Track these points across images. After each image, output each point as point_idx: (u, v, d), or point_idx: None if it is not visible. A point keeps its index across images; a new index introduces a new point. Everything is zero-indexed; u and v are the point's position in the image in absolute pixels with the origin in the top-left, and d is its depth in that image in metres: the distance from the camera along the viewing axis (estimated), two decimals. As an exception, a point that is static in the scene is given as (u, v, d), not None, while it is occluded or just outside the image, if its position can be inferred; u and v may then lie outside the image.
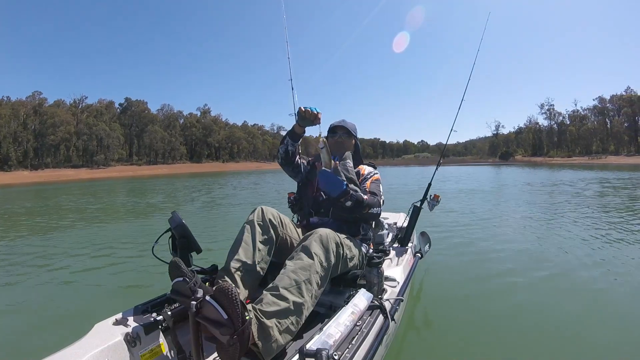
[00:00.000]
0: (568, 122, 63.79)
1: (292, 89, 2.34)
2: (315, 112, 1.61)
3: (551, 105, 65.62)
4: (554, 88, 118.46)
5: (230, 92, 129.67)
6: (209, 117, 70.21)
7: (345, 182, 1.54)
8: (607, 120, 58.52)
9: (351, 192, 1.54)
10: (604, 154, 51.95)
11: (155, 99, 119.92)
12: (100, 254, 4.02)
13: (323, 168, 1.58)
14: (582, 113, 62.29)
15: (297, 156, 1.81)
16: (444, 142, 3.14)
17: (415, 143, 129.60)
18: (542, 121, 67.36)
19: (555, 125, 65.04)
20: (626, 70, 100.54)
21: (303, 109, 1.61)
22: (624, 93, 56.53)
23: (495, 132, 75.55)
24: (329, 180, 1.53)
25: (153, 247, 1.37)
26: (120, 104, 59.18)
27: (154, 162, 55.97)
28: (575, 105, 64.50)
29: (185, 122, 66.03)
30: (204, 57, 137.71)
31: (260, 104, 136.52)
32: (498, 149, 69.67)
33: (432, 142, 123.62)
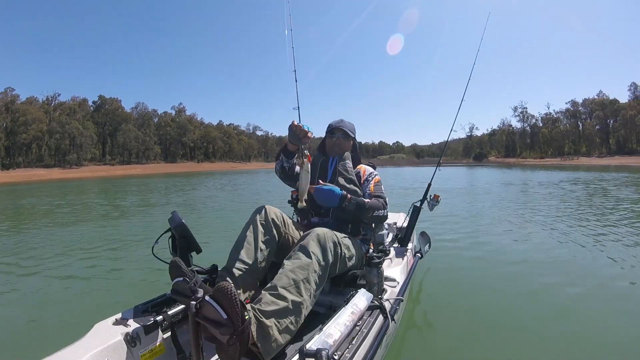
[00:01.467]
0: (541, 125, 66.38)
1: (296, 80, 2.34)
2: (306, 130, 1.52)
3: (524, 108, 68.49)
4: (527, 91, 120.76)
5: (205, 91, 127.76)
6: (184, 116, 69.00)
7: (338, 189, 1.54)
8: (579, 122, 61.22)
9: (349, 196, 1.55)
10: (576, 155, 54.23)
11: (129, 97, 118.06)
12: (100, 254, 4.02)
13: (315, 186, 1.54)
14: (555, 116, 65.01)
15: (295, 169, 1.77)
16: (419, 144, 3.14)
17: (391, 144, 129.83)
18: (515, 123, 70.52)
19: (528, 128, 67.74)
20: (598, 75, 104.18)
21: (295, 124, 1.51)
22: (596, 97, 59.13)
23: (469, 134, 78.20)
24: (323, 195, 1.52)
25: (153, 247, 1.37)
26: (93, 102, 57.58)
27: (128, 162, 54.73)
28: (548, 108, 67.04)
29: (159, 121, 64.80)
30: (179, 55, 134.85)
31: (237, 103, 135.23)
32: (472, 151, 71.87)
33: (406, 143, 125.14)
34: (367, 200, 1.62)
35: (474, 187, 12.39)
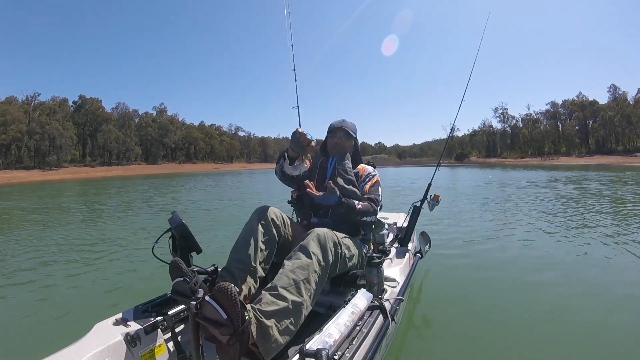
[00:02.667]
0: (521, 125, 67.89)
1: (295, 80, 2.34)
2: (310, 139, 1.49)
3: (505, 109, 69.79)
4: (508, 93, 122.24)
5: (187, 91, 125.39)
6: (165, 116, 67.44)
7: (338, 195, 1.53)
8: (558, 123, 62.85)
9: (344, 201, 1.55)
10: (556, 155, 55.62)
11: (110, 97, 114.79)
12: (100, 254, 4.02)
13: (318, 194, 1.54)
14: (535, 117, 66.40)
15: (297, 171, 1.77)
16: (401, 144, 3.16)
17: (373, 145, 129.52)
18: (496, 124, 71.91)
19: (508, 128, 69.16)
20: (578, 77, 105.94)
21: (299, 132, 1.48)
22: (575, 98, 60.71)
23: (450, 135, 77.99)
24: (323, 199, 1.53)
25: (153, 247, 1.37)
26: (74, 102, 55.83)
27: (108, 163, 53.28)
28: (529, 109, 68.36)
29: (140, 122, 63.07)
30: (160, 54, 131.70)
31: (219, 103, 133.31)
32: (453, 151, 72.68)
33: (389, 144, 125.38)
34: (359, 205, 1.61)
35: (465, 187, 12.45)
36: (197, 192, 13.37)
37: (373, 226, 1.85)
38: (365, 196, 1.69)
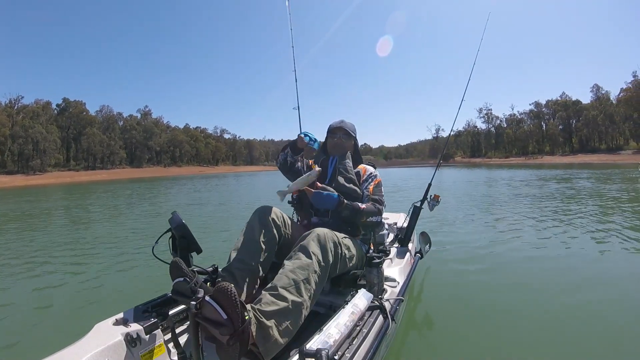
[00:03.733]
0: (505, 126, 69.18)
1: (296, 80, 2.34)
2: (311, 148, 1.61)
3: (489, 109, 71.16)
4: (492, 93, 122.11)
5: (172, 94, 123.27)
6: (150, 119, 66.79)
7: (337, 194, 1.55)
8: (542, 123, 64.08)
9: (345, 202, 1.56)
10: (540, 154, 56.68)
11: (94, 100, 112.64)
12: (100, 254, 4.03)
13: (314, 191, 1.58)
14: (519, 117, 67.73)
15: (298, 163, 1.80)
16: (386, 145, 3.15)
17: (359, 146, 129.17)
18: (481, 125, 73.28)
19: (492, 129, 70.42)
20: (561, 77, 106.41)
21: (302, 140, 1.61)
22: (559, 98, 62.00)
23: (435, 135, 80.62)
24: (320, 199, 1.55)
25: (153, 247, 1.37)
26: (57, 105, 54.99)
27: (93, 167, 52.74)
28: (512, 109, 69.68)
29: (125, 125, 62.48)
30: (144, 56, 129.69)
31: (203, 105, 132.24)
32: (438, 151, 73.83)
33: (374, 145, 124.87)
34: (362, 206, 1.62)
35: (457, 187, 12.44)
36: (184, 195, 13.28)
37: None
38: (370, 197, 1.69)
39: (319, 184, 1.62)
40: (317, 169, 1.59)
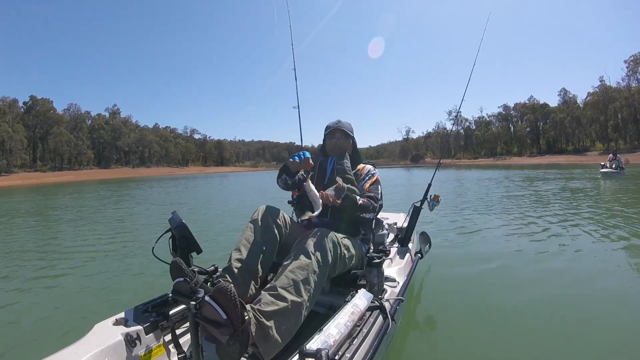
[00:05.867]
0: (474, 127, 70.92)
1: (296, 79, 2.35)
2: (308, 160, 1.56)
3: (458, 112, 72.06)
4: (461, 96, 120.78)
5: (141, 92, 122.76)
6: (119, 118, 65.03)
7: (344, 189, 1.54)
8: (510, 125, 66.18)
9: (348, 194, 1.54)
10: (508, 155, 58.38)
11: (61, 97, 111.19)
12: (101, 254, 4.03)
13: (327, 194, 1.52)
14: (488, 119, 69.77)
15: (296, 177, 1.77)
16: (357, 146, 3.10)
17: None
18: (450, 126, 76.01)
19: (462, 130, 71.95)
20: (530, 82, 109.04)
21: (293, 163, 1.57)
22: (527, 101, 63.90)
23: (405, 137, 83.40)
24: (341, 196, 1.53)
25: (153, 247, 1.37)
26: (24, 103, 52.35)
27: (60, 168, 50.79)
28: (481, 112, 71.45)
29: (92, 124, 60.71)
30: (113, 52, 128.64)
31: (173, 104, 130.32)
32: (408, 152, 75.92)
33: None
34: (360, 201, 1.62)
35: (444, 187, 12.46)
36: (165, 197, 13.13)
37: (373, 225, 1.85)
38: (365, 194, 1.69)
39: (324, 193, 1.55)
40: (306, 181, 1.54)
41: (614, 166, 13.21)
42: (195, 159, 79.22)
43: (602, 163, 14.11)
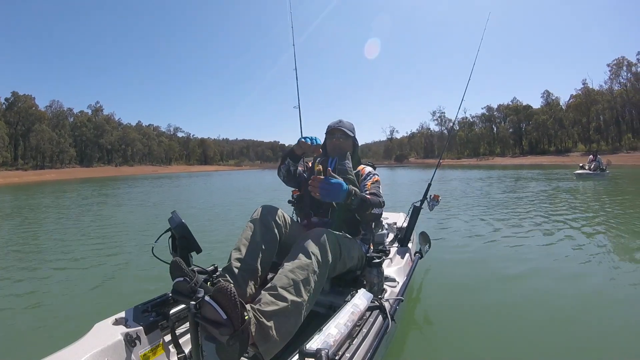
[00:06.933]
0: (457, 128, 70.40)
1: (297, 79, 2.34)
2: (318, 146, 1.58)
3: (442, 112, 73.27)
4: (444, 97, 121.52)
5: (124, 89, 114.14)
6: (102, 115, 63.10)
7: (345, 184, 1.44)
8: (493, 126, 66.67)
9: (355, 190, 1.46)
10: (491, 156, 59.07)
11: (43, 93, 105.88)
12: (100, 254, 4.02)
13: (325, 177, 1.38)
14: (471, 120, 70.36)
15: (299, 169, 1.80)
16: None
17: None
18: (434, 127, 75.59)
19: (445, 131, 72.19)
20: (513, 83, 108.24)
21: (306, 143, 1.57)
22: (510, 103, 64.64)
23: (390, 137, 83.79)
24: (330, 188, 1.35)
25: (153, 247, 1.37)
26: (6, 99, 50.03)
27: (41, 167, 48.52)
28: (465, 112, 70.90)
29: (75, 121, 58.61)
30: (97, 49, 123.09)
31: (156, 102, 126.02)
32: (392, 152, 75.93)
33: None
34: (368, 196, 1.60)
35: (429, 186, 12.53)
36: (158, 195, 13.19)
37: (373, 225, 1.84)
38: (369, 191, 1.68)
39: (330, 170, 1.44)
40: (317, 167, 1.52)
41: (592, 167, 13.40)
42: (179, 158, 77.95)
43: (581, 164, 14.31)
